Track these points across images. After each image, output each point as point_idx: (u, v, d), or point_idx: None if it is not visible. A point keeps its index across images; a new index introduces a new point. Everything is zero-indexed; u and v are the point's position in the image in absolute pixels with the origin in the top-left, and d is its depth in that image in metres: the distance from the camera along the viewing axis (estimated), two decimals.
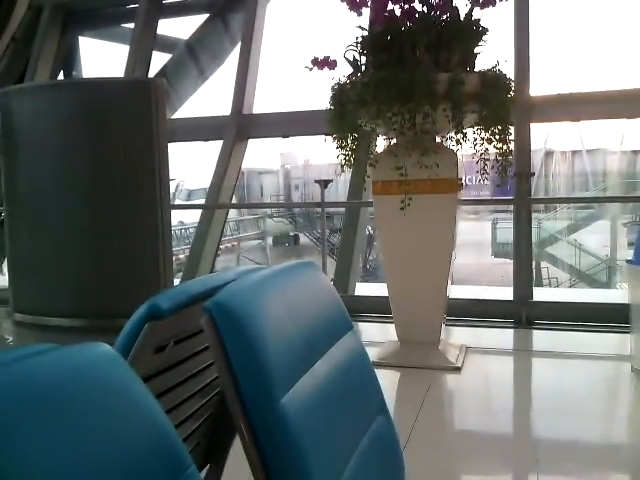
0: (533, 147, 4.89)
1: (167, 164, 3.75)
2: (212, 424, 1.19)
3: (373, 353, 3.44)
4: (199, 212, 5.79)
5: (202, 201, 7.23)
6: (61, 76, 7.10)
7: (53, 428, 0.50)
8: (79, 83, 4.46)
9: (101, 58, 7.71)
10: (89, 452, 0.51)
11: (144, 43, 6.58)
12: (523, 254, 4.32)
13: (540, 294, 4.56)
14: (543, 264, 12.92)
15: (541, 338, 3.86)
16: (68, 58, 7.26)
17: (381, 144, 3.45)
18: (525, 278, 4.25)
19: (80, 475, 0.50)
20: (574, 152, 16.70)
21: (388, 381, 3.16)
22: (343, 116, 3.21)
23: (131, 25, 6.80)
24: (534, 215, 5.02)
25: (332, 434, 0.90)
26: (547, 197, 14.61)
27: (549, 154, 16.38)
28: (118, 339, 0.81)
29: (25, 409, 0.49)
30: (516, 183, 4.42)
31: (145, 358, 0.83)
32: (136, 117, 3.61)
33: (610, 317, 3.84)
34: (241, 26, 6.29)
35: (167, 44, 7.27)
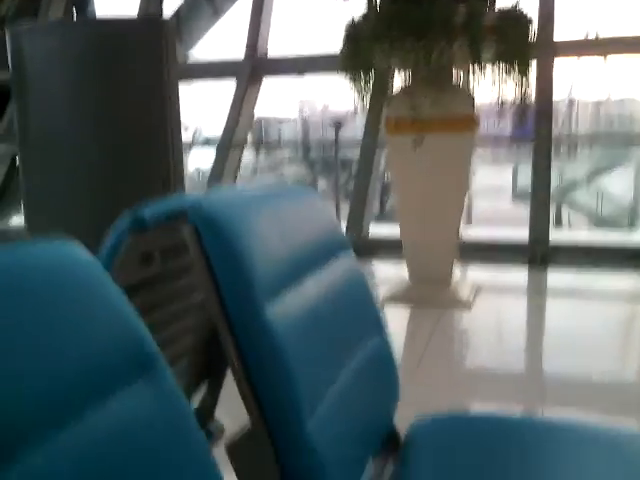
0: (557, 97, 4.72)
1: (179, 105, 3.72)
2: (209, 340, 1.20)
3: (384, 290, 3.45)
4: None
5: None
6: (75, 14, 6.98)
7: (15, 317, 0.50)
8: (89, 22, 4.39)
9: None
10: (51, 343, 0.51)
11: None
12: (541, 194, 4.24)
13: (557, 235, 4.50)
14: (564, 209, 12.70)
15: (557, 279, 3.84)
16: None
17: (397, 82, 3.36)
18: (542, 218, 4.19)
19: (40, 364, 0.50)
20: (599, 102, 16.14)
21: (397, 317, 3.18)
22: (357, 53, 3.12)
23: None
24: (555, 162, 4.91)
25: (319, 346, 0.90)
26: (567, 134, 14.16)
27: (572, 103, 15.85)
28: (102, 250, 0.81)
29: None
30: (536, 122, 4.30)
31: (130, 269, 0.84)
32: (147, 56, 3.55)
33: (630, 259, 3.79)
34: None
35: None
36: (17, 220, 6.34)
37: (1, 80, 6.36)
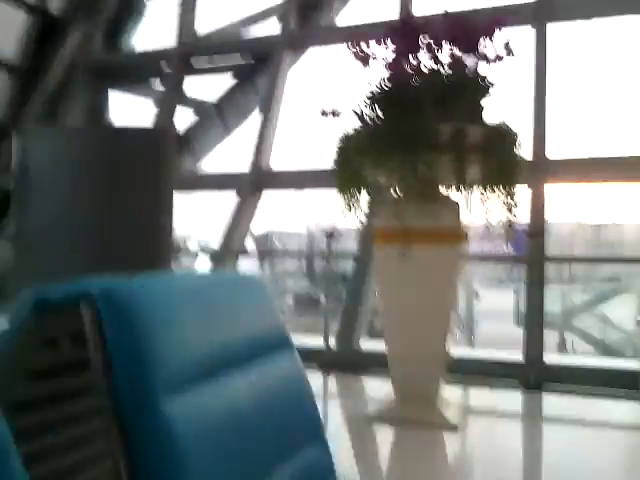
0: (558, 220, 4.80)
1: (172, 211, 3.79)
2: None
3: (371, 407, 3.32)
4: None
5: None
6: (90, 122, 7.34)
7: None
8: (92, 129, 4.61)
9: (130, 113, 8.00)
10: None
11: (171, 100, 6.82)
12: (534, 314, 4.16)
13: (553, 358, 4.36)
14: (568, 336, 12.48)
15: (552, 403, 3.66)
16: (98, 112, 7.55)
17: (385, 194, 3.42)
18: (535, 339, 4.08)
19: None
20: (598, 225, 16.43)
21: (381, 437, 3.01)
22: (347, 166, 3.22)
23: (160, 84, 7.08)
24: (558, 286, 4.87)
25: (234, 451, 0.82)
26: (561, 256, 14.22)
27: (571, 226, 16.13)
28: (2, 330, 0.76)
29: None
30: (529, 242, 4.33)
31: (32, 349, 0.78)
32: (147, 163, 3.69)
33: (629, 384, 3.63)
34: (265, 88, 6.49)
35: (195, 103, 7.53)
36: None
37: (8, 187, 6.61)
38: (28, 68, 7.17)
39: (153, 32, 7.88)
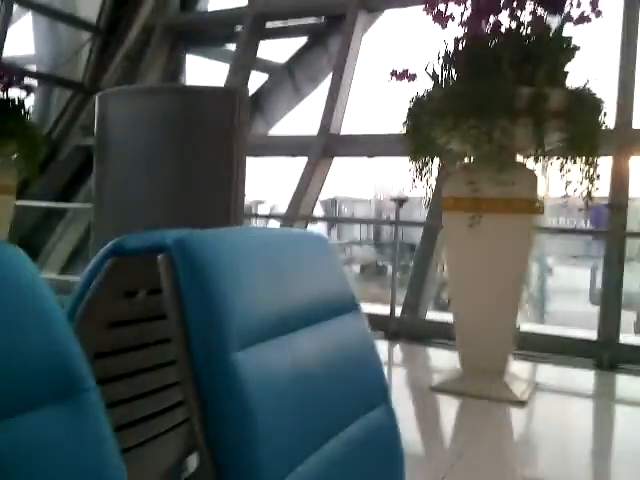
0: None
1: (244, 173, 3.82)
2: None
3: (435, 379, 3.30)
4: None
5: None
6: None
7: None
8: (168, 89, 4.68)
9: (205, 75, 8.10)
10: None
11: (245, 62, 6.84)
12: (612, 291, 3.98)
13: (629, 338, 4.17)
14: None
15: (625, 384, 3.51)
16: (174, 75, 7.69)
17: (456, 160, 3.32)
18: (612, 317, 3.91)
19: None
20: None
21: (444, 408, 2.99)
22: (418, 129, 3.14)
23: (234, 46, 7.11)
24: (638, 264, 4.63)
25: (301, 408, 0.82)
26: None
27: None
28: (82, 275, 0.79)
29: None
30: (609, 215, 4.12)
31: (111, 299, 0.80)
32: (219, 123, 3.72)
33: None
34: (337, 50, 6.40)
35: (267, 66, 7.53)
36: None
37: (91, 146, 6.87)
38: (108, 29, 7.37)
39: None
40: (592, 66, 3.58)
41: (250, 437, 0.71)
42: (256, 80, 7.23)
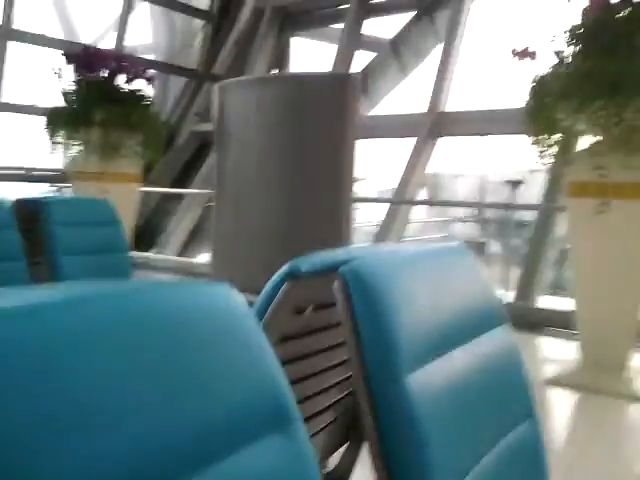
0: None
1: (354, 157, 3.86)
2: (354, 400, 1.19)
3: (551, 370, 3.20)
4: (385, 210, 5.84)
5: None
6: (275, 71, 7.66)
7: (158, 357, 0.52)
8: (282, 77, 4.79)
9: (311, 56, 8.17)
10: (192, 384, 0.53)
11: (350, 42, 6.83)
12: None
13: None
14: None
15: None
16: (281, 57, 7.82)
17: (582, 142, 3.16)
18: None
19: (178, 403, 0.52)
20: None
21: (562, 402, 2.90)
22: (541, 110, 3.01)
23: (340, 25, 7.10)
24: None
25: (461, 426, 0.85)
26: None
27: None
28: (260, 295, 0.85)
29: (135, 337, 0.52)
30: None
31: (284, 317, 0.86)
32: (330, 110, 3.77)
33: None
34: (445, 24, 6.22)
35: (371, 43, 7.47)
36: (203, 258, 6.98)
37: (205, 132, 7.17)
38: (220, 14, 7.59)
39: None
40: None
41: (423, 460, 0.74)
42: (362, 59, 7.20)
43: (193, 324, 0.57)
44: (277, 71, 7.75)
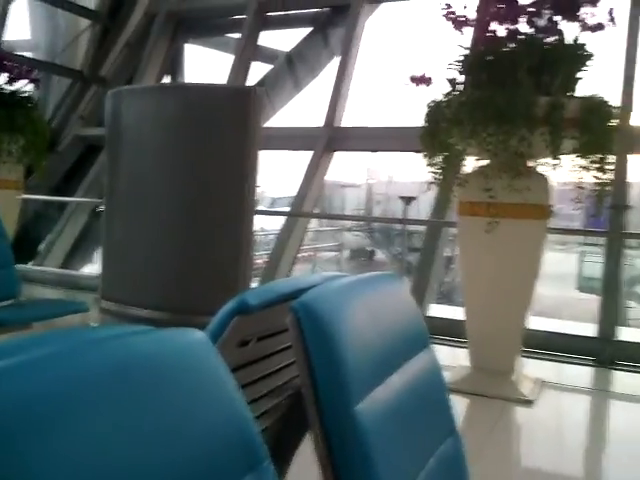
0: (631, 180, 4.65)
1: (256, 171, 3.86)
2: (281, 425, 1.21)
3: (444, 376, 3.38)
4: (280, 219, 5.90)
5: (286, 209, 7.38)
6: (166, 80, 7.48)
7: (137, 405, 0.52)
8: (182, 87, 4.68)
9: (203, 65, 8.04)
10: (170, 430, 0.54)
11: (246, 53, 6.82)
12: (611, 290, 4.10)
13: (625, 334, 4.31)
14: (630, 304, 12.18)
15: (623, 380, 3.64)
16: (174, 63, 7.64)
17: (471, 164, 3.39)
18: (611, 315, 4.03)
19: (157, 450, 0.52)
20: None
21: (456, 407, 3.06)
22: (436, 134, 3.19)
23: (235, 35, 7.08)
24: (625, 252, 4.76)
25: (402, 448, 0.89)
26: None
27: None
28: (207, 330, 0.84)
29: (112, 385, 0.52)
30: (611, 215, 4.22)
31: (230, 351, 0.86)
32: (233, 123, 3.74)
33: None
34: (339, 41, 6.40)
35: (267, 55, 7.51)
36: (90, 269, 6.63)
37: (92, 136, 6.83)
38: (108, 16, 7.28)
39: None
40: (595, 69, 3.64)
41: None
42: (259, 70, 7.22)
43: (166, 372, 0.57)
44: (169, 78, 7.57)
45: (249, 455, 0.60)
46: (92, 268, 6.49)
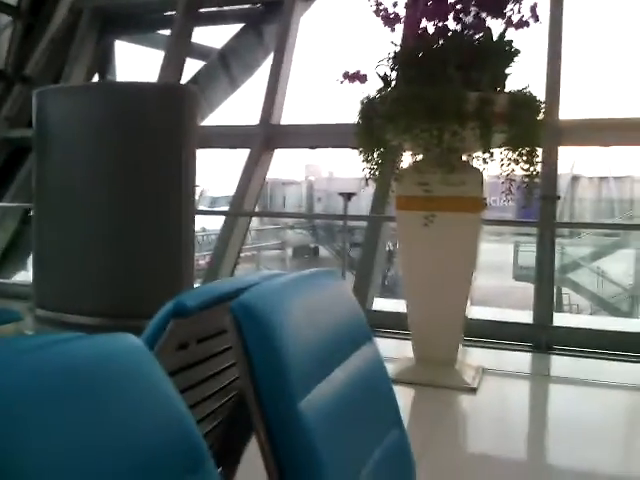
0: (560, 171, 4.85)
1: (194, 171, 3.80)
2: (227, 427, 1.19)
3: (388, 369, 3.43)
4: (221, 219, 5.84)
5: (226, 208, 7.30)
6: (96, 79, 7.25)
7: (76, 412, 0.51)
8: (113, 86, 4.54)
9: (135, 62, 7.84)
10: (109, 437, 0.52)
11: (178, 50, 6.69)
12: (545, 278, 4.27)
13: (560, 320, 4.50)
14: (564, 290, 12.74)
15: (560, 364, 3.81)
16: (103, 61, 7.41)
17: (407, 159, 3.45)
18: (546, 302, 4.20)
19: (97, 457, 0.51)
20: (601, 178, 16.51)
21: (402, 398, 3.11)
22: (370, 130, 3.22)
23: (167, 32, 6.93)
24: (557, 240, 4.96)
25: (347, 442, 0.90)
26: (572, 222, 14.47)
27: (576, 179, 16.22)
28: (143, 334, 0.82)
29: (50, 394, 0.50)
30: (541, 206, 4.39)
31: (168, 354, 0.84)
32: (167, 122, 3.66)
33: (631, 346, 3.77)
34: (274, 37, 6.38)
35: (201, 52, 7.39)
36: (22, 276, 6.36)
37: (19, 137, 6.54)
38: (31, 11, 6.98)
39: None
40: (524, 64, 3.78)
41: (319, 472, 0.78)
42: (191, 68, 7.10)
43: (99, 379, 0.55)
44: (98, 75, 7.33)
45: (190, 457, 0.59)
46: (26, 275, 6.22)
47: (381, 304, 5.06)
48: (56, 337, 0.55)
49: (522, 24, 3.35)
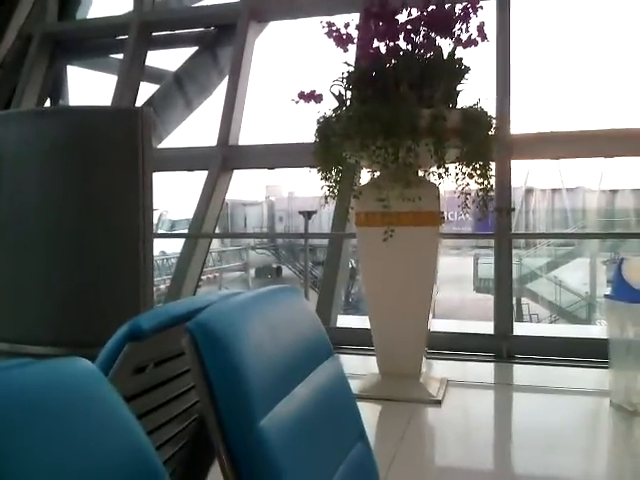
0: (514, 184, 4.97)
1: (151, 194, 3.75)
2: (190, 450, 1.17)
3: (354, 385, 3.41)
4: (181, 242, 5.78)
5: (185, 231, 7.22)
6: (48, 104, 7.12)
7: (28, 439, 0.49)
8: (65, 111, 4.47)
9: (89, 87, 7.76)
10: (63, 464, 0.51)
11: (132, 74, 6.64)
12: (503, 288, 4.35)
13: (521, 329, 4.59)
14: (524, 300, 13.01)
15: (522, 372, 3.87)
16: (55, 87, 7.29)
17: (365, 176, 3.49)
18: (506, 313, 4.28)
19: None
20: (554, 190, 17.01)
21: (368, 414, 3.13)
22: (328, 148, 3.25)
23: (120, 56, 6.87)
24: (514, 251, 5.08)
25: (311, 459, 0.89)
26: (527, 232, 14.84)
27: (529, 191, 16.67)
28: (98, 358, 0.80)
29: (1, 420, 0.49)
30: (497, 218, 4.49)
31: (124, 378, 0.83)
32: (122, 146, 3.61)
33: (590, 352, 3.86)
34: (229, 59, 6.40)
35: (155, 75, 7.35)
36: None
37: None
38: None
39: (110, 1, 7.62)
40: (474, 79, 3.89)
41: None
42: (146, 91, 7.04)
43: (50, 405, 0.53)
44: (50, 101, 7.21)
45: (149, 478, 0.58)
46: None
47: (346, 321, 5.07)
48: (6, 363, 0.54)
49: (470, 43, 3.45)
